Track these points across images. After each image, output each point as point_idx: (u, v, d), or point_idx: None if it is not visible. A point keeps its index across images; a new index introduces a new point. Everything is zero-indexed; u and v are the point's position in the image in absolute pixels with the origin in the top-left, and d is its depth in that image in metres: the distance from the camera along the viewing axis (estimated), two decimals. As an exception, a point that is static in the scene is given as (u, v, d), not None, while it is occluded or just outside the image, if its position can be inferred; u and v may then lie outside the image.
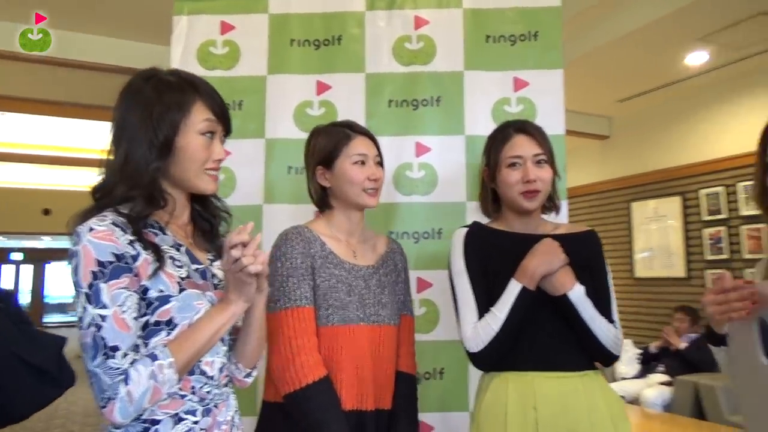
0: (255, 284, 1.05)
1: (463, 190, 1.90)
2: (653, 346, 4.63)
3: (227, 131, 1.16)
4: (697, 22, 3.66)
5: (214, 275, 1.14)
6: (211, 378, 1.09)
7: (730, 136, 4.65)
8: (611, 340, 1.39)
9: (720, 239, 4.69)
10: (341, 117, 1.87)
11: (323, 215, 1.50)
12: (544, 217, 1.54)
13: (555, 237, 1.43)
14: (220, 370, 1.11)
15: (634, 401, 4.25)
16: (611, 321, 1.42)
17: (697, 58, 4.25)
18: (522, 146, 1.43)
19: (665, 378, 4.37)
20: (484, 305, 1.40)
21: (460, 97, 1.93)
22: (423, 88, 1.94)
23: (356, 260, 1.45)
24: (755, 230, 4.44)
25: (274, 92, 1.95)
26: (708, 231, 4.79)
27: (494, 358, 1.38)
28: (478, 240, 1.47)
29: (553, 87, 1.91)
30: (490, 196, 1.52)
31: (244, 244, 0.99)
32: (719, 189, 4.70)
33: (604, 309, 1.41)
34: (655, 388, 4.29)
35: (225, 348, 1.14)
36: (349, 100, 1.94)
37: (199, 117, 1.08)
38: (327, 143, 1.44)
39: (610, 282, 1.48)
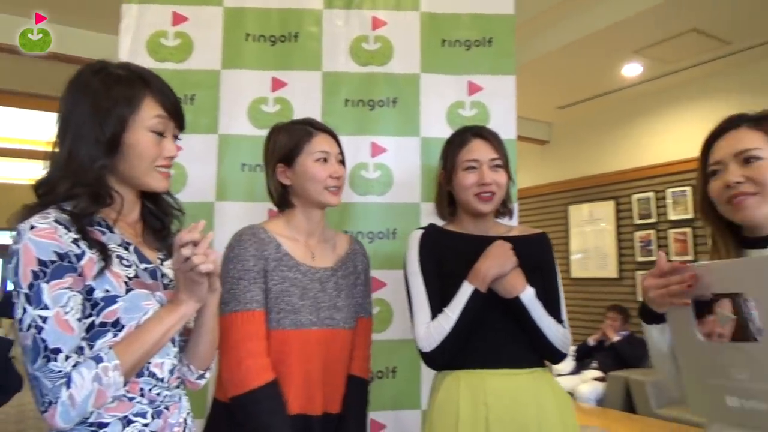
0: (206, 284, 1.03)
1: (418, 191, 1.93)
2: (591, 339, 4.85)
3: (180, 128, 1.13)
4: (633, 35, 3.86)
5: (164, 275, 1.11)
6: (161, 380, 1.06)
7: (660, 144, 4.93)
8: (560, 339, 1.44)
9: (650, 242, 4.96)
10: (297, 115, 1.85)
11: (282, 215, 1.47)
12: (498, 220, 1.59)
13: (508, 239, 1.46)
14: (171, 371, 1.09)
15: (570, 395, 4.42)
16: (560, 321, 1.47)
17: (632, 70, 4.48)
18: (479, 150, 1.47)
19: (598, 374, 4.58)
20: (437, 306, 1.42)
21: (416, 99, 1.96)
22: (379, 89, 1.95)
23: (314, 262, 1.43)
24: (681, 234, 4.72)
25: (228, 87, 1.91)
26: (639, 234, 5.05)
27: (446, 358, 1.41)
28: (433, 241, 1.49)
29: (506, 92, 1.97)
30: (446, 198, 1.55)
31: (195, 243, 0.97)
32: (650, 194, 4.97)
33: (554, 309, 1.47)
34: (589, 384, 4.49)
35: (176, 349, 1.11)
36: (305, 98, 1.92)
37: (150, 113, 1.05)
38: (288, 140, 1.42)
39: (560, 283, 1.53)
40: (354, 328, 1.46)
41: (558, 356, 1.47)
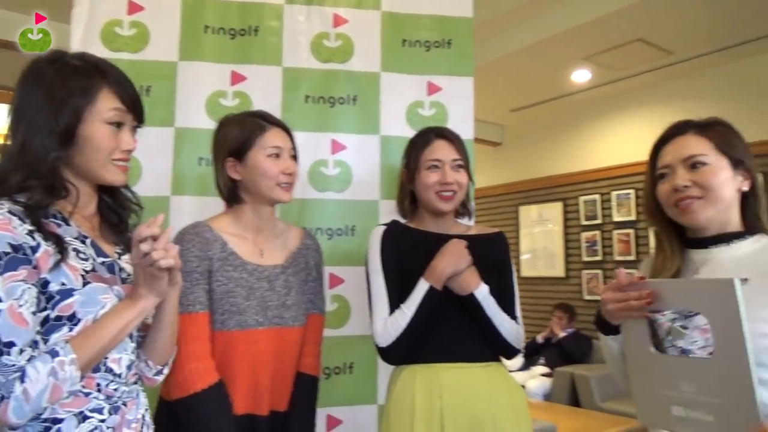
0: (166, 278, 1.01)
1: (377, 189, 1.95)
2: (540, 337, 5.00)
3: (139, 121, 1.11)
4: (583, 43, 4.00)
5: (122, 269, 1.09)
6: (119, 375, 1.04)
7: (606, 149, 5.13)
8: (513, 335, 1.49)
9: (595, 242, 5.15)
10: (257, 109, 1.83)
11: (230, 211, 1.44)
12: (458, 220, 1.62)
13: (466, 238, 1.50)
14: (129, 367, 1.07)
15: (519, 392, 4.55)
16: (514, 318, 1.52)
17: (581, 76, 4.64)
18: (441, 151, 1.50)
19: (546, 370, 4.73)
20: (395, 302, 1.45)
21: (376, 97, 1.98)
22: (340, 86, 1.95)
23: (262, 260, 1.40)
24: (625, 235, 4.93)
25: (185, 79, 1.87)
26: (585, 235, 5.24)
27: (401, 353, 1.44)
28: (395, 238, 1.51)
29: (464, 93, 2.02)
30: (408, 197, 1.58)
31: (155, 238, 0.96)
32: (596, 197, 5.16)
33: (509, 307, 1.52)
34: (536, 379, 4.63)
35: (133, 345, 1.10)
36: (264, 93, 1.91)
37: (106, 105, 1.03)
38: (239, 133, 1.38)
39: (515, 282, 1.59)
40: (304, 325, 1.44)
41: (511, 352, 1.52)
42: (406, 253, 1.49)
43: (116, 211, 1.13)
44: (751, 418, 0.96)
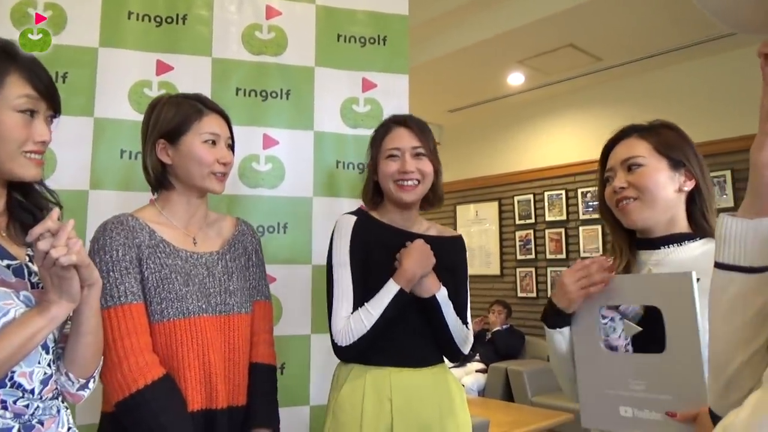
0: (76, 279, 0.92)
1: (311, 186, 1.90)
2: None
3: (54, 110, 1.02)
4: (516, 46, 4.10)
5: (33, 273, 0.99)
6: (30, 391, 0.95)
7: (539, 150, 5.29)
8: (462, 338, 1.49)
9: (529, 241, 5.30)
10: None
11: (157, 200, 1.35)
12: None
13: (427, 238, 1.48)
14: (44, 382, 0.97)
15: (454, 388, 4.62)
16: (465, 322, 1.52)
17: (515, 79, 4.77)
18: (401, 139, 1.47)
19: (481, 365, 4.82)
20: (359, 299, 1.41)
21: (310, 92, 1.93)
22: (273, 80, 1.90)
23: (196, 248, 1.32)
24: (556, 234, 5.09)
25: (106, 67, 1.76)
26: (519, 234, 5.38)
27: (359, 353, 1.40)
28: (364, 230, 1.46)
29: (399, 91, 2.00)
30: (372, 188, 1.53)
31: (54, 234, 0.87)
32: (529, 196, 5.31)
33: (461, 311, 1.51)
34: (472, 375, 4.71)
35: (49, 356, 1.00)
36: (193, 84, 1.82)
37: (15, 92, 0.94)
38: (174, 115, 1.29)
39: (468, 286, 1.59)
40: (251, 313, 1.37)
41: (458, 354, 1.51)
42: (373, 247, 1.45)
43: (29, 209, 1.03)
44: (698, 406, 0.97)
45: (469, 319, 1.55)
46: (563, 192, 5.03)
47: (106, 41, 1.77)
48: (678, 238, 1.18)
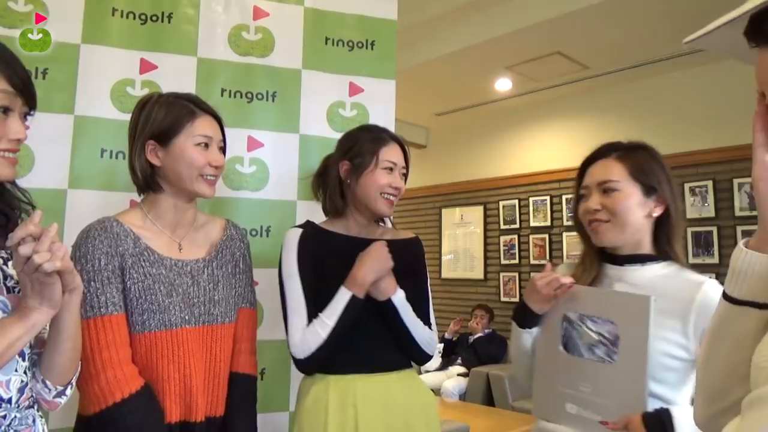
0: (59, 285, 0.89)
1: (295, 189, 1.89)
2: (448, 333, 5.10)
3: (30, 106, 0.99)
4: (504, 53, 4.12)
5: (8, 276, 0.96)
6: (7, 401, 0.91)
7: (525, 156, 5.31)
8: (426, 341, 1.49)
9: (513, 245, 5.32)
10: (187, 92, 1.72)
11: (143, 202, 1.32)
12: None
13: (386, 242, 1.47)
14: (20, 390, 0.94)
15: (436, 392, 4.62)
16: (428, 324, 1.52)
17: (503, 85, 4.78)
18: (397, 154, 1.50)
19: (462, 369, 4.83)
20: (313, 310, 1.39)
21: (297, 95, 1.92)
22: (259, 82, 1.88)
23: (181, 255, 1.29)
24: (540, 239, 5.12)
25: (88, 64, 1.73)
26: (504, 238, 5.40)
27: (320, 364, 1.39)
28: (312, 242, 1.45)
29: (386, 96, 1.99)
30: (338, 192, 1.51)
31: (35, 238, 0.84)
32: (514, 201, 5.33)
33: (423, 313, 1.51)
34: (453, 380, 4.72)
35: (26, 364, 0.96)
36: (177, 84, 1.79)
37: None
38: (166, 115, 1.26)
39: (429, 287, 1.58)
40: (235, 322, 1.34)
41: (423, 357, 1.51)
42: (323, 258, 1.44)
43: (2, 210, 0.99)
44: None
45: (432, 320, 1.55)
46: (548, 198, 5.06)
47: (88, 38, 1.74)
48: (641, 259, 1.24)
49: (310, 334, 1.36)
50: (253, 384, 1.38)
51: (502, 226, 5.42)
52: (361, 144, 1.50)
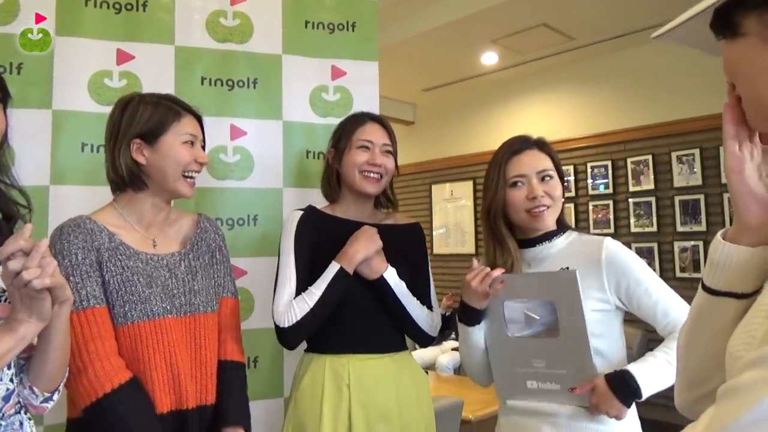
0: (48, 299, 0.88)
1: (281, 177, 1.88)
2: (442, 308, 5.15)
3: (3, 101, 0.98)
4: (490, 26, 4.07)
5: None
6: None
7: (513, 129, 5.25)
8: (426, 321, 1.51)
9: (503, 220, 5.34)
10: (147, 91, 1.70)
11: (117, 201, 1.32)
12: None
13: (382, 226, 1.51)
14: (5, 398, 0.94)
15: (430, 367, 4.68)
16: (429, 306, 1.54)
17: (489, 58, 4.74)
18: (374, 133, 1.53)
19: (456, 344, 4.88)
20: (302, 286, 1.43)
21: (278, 80, 1.89)
22: (239, 68, 1.85)
23: (156, 250, 1.31)
24: (530, 213, 5.14)
25: (63, 57, 1.69)
26: (494, 212, 5.42)
27: (301, 336, 1.43)
28: (311, 224, 1.50)
29: (369, 78, 1.97)
30: (332, 179, 1.57)
31: (26, 253, 0.82)
32: (503, 176, 5.33)
33: (424, 297, 1.54)
34: (448, 354, 4.78)
35: (11, 371, 0.96)
36: (155, 73, 1.77)
37: None
38: (153, 115, 1.27)
39: (430, 271, 1.61)
40: (217, 311, 1.36)
41: (425, 338, 1.53)
42: (321, 241, 1.48)
43: None
44: (590, 378, 1.21)
45: (434, 303, 1.57)
46: (537, 171, 5.06)
47: (62, 29, 1.70)
48: (549, 236, 1.36)
49: (297, 303, 1.40)
50: (242, 370, 1.40)
51: (492, 201, 5.43)
52: (341, 129, 1.57)
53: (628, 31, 4.20)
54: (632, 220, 4.53)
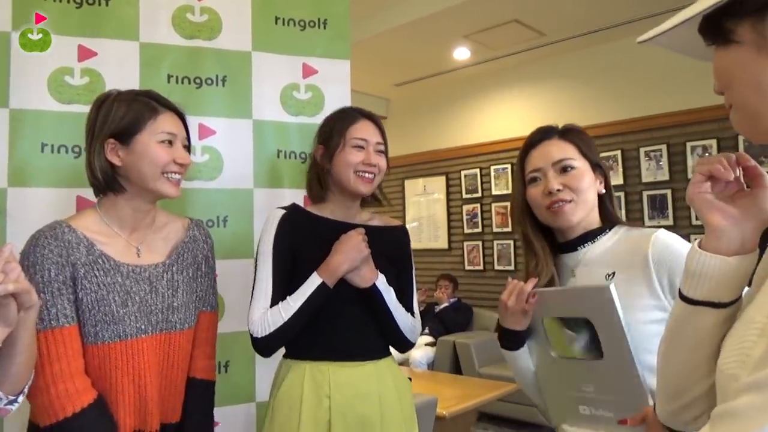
0: (13, 305, 0.86)
1: (251, 177, 1.83)
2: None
3: None
4: (462, 21, 4.06)
5: None
6: None
7: (485, 124, 5.32)
8: (409, 327, 1.49)
9: (476, 215, 5.37)
10: (111, 88, 1.64)
11: (99, 205, 1.26)
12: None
13: (367, 228, 1.46)
14: None
15: (404, 362, 4.69)
16: (412, 313, 1.51)
17: (461, 54, 4.74)
18: (368, 131, 1.46)
19: (430, 339, 4.91)
20: (279, 294, 1.38)
21: (248, 78, 1.84)
22: (207, 66, 1.80)
23: (140, 259, 1.25)
24: (503, 207, 5.17)
25: (21, 54, 1.62)
26: (466, 207, 5.44)
27: (276, 346, 1.39)
28: (293, 224, 1.44)
29: (341, 77, 1.94)
30: (318, 178, 1.49)
31: None
32: (476, 171, 5.35)
33: (407, 301, 1.51)
34: (421, 349, 4.79)
35: None
36: (119, 71, 1.71)
37: None
38: (127, 113, 1.20)
39: (414, 277, 1.58)
40: (193, 327, 1.31)
41: (406, 345, 1.51)
42: (303, 242, 1.42)
43: None
44: (642, 407, 1.04)
45: (416, 309, 1.54)
46: (509, 166, 5.09)
47: (18, 24, 1.63)
48: (591, 236, 1.21)
49: (272, 314, 1.35)
50: (211, 388, 1.37)
51: (464, 196, 5.45)
52: (331, 126, 1.49)
53: (597, 28, 4.24)
54: (602, 215, 4.59)
